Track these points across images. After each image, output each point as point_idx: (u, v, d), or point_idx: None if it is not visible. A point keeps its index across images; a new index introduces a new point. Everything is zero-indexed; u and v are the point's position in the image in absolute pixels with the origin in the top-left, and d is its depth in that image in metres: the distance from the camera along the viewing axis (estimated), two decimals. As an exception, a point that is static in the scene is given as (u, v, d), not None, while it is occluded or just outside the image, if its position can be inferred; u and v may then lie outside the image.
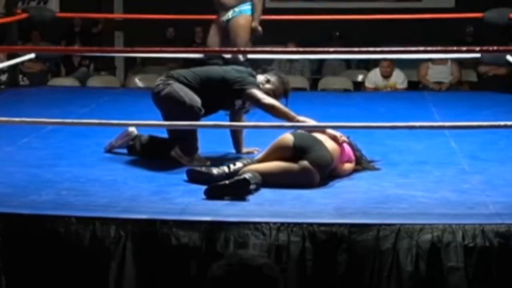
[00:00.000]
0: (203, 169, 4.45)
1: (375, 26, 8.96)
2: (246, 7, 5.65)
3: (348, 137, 4.67)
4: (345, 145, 4.62)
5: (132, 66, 11.22)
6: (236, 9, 5.66)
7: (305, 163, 4.36)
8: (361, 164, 4.70)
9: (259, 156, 4.58)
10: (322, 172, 4.40)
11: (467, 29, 10.09)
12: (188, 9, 8.21)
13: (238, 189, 4.15)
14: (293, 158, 4.40)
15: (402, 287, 3.61)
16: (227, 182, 4.16)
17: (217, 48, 5.27)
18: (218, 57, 5.46)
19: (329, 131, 4.57)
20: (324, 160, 4.42)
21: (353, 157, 4.66)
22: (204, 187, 4.17)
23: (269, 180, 4.31)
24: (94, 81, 10.00)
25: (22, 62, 8.06)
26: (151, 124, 5.01)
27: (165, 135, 4.99)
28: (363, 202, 4.07)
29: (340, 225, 3.70)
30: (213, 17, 5.95)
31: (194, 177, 4.42)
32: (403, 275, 3.61)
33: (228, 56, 5.42)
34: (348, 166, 4.63)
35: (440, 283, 3.61)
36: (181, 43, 10.48)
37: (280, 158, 4.42)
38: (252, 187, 4.20)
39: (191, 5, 9.80)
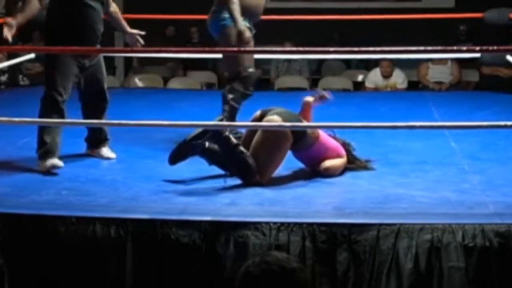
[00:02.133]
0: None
1: (375, 26, 8.94)
2: None
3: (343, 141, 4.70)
4: (332, 140, 4.62)
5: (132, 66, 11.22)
6: None
7: (266, 118, 4.47)
8: (355, 162, 4.70)
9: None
10: (296, 134, 4.42)
11: (461, 27, 10.10)
12: (187, 9, 8.21)
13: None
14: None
15: (402, 287, 3.62)
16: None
17: (217, 48, 5.26)
18: None
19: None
20: (287, 113, 4.49)
21: (342, 152, 4.64)
22: (203, 187, 4.18)
23: (259, 160, 4.36)
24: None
25: (22, 62, 8.05)
26: (151, 124, 5.01)
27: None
28: (363, 202, 4.07)
29: (340, 225, 3.71)
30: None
31: (177, 155, 4.51)
32: (403, 275, 3.61)
33: None
34: (340, 161, 4.61)
35: (440, 283, 3.61)
36: (181, 42, 10.47)
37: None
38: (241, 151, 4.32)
39: (190, 5, 9.80)
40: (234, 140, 4.38)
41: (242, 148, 4.37)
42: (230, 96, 5.22)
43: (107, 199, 4.11)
